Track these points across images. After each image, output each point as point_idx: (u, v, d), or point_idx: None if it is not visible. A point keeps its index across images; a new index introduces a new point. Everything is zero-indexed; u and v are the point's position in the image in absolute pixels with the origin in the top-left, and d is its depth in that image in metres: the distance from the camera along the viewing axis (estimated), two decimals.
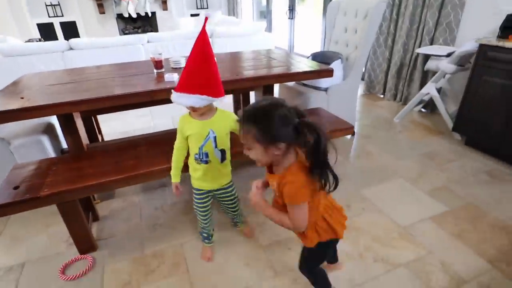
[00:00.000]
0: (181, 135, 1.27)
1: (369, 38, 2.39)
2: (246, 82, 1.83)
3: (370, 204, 1.84)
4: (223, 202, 1.46)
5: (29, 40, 5.32)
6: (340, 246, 1.52)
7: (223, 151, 1.28)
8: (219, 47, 4.57)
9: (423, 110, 3.23)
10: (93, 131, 2.30)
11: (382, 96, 3.72)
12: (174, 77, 1.71)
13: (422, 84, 3.08)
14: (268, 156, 0.88)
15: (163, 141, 1.76)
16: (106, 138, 2.60)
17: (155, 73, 1.89)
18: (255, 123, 0.84)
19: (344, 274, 1.39)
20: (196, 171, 1.32)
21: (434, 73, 2.81)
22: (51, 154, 1.85)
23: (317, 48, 5.03)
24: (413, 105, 2.88)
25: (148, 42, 4.23)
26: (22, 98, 1.51)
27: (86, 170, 1.45)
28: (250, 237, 1.61)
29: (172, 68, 1.98)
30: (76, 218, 1.44)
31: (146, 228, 1.71)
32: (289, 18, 5.65)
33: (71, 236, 1.49)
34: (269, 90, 2.25)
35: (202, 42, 1.10)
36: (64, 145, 2.07)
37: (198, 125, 1.22)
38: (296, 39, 5.81)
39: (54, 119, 2.07)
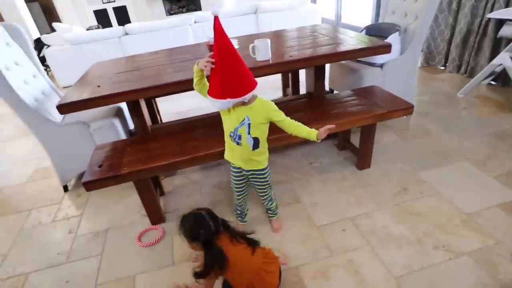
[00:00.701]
0: None
1: (432, 5, 2.18)
2: (296, 63, 1.80)
3: (429, 188, 1.77)
4: (254, 184, 1.47)
5: (89, 28, 5.73)
6: (397, 230, 1.52)
7: (256, 140, 1.27)
8: (264, 23, 4.50)
9: (493, 83, 2.92)
10: (153, 112, 2.48)
11: (443, 68, 3.42)
12: None
13: (493, 53, 2.77)
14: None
15: (218, 123, 1.84)
16: (163, 118, 2.79)
17: None
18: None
19: (401, 259, 1.39)
20: (229, 144, 1.36)
21: (509, 40, 2.50)
22: (122, 134, 2.05)
23: (367, 19, 4.70)
24: (481, 77, 2.62)
25: (195, 22, 4.32)
26: (99, 86, 1.68)
27: (155, 151, 1.60)
28: (276, 232, 1.60)
29: None
30: (148, 193, 1.62)
31: (207, 204, 1.85)
32: None
33: (144, 208, 1.69)
34: (320, 69, 2.21)
35: (219, 41, 1.08)
36: (131, 126, 2.27)
37: (236, 108, 1.23)
38: (344, 9, 5.48)
39: (122, 103, 2.27)
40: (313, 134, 1.26)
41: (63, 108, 1.55)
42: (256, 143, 1.28)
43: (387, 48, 1.86)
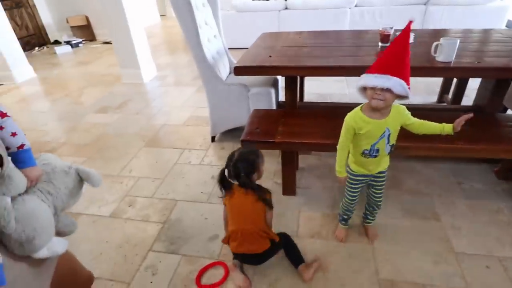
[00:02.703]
0: (350, 133, 1.24)
1: None
2: (484, 72, 1.60)
3: None
4: (374, 188, 1.42)
5: None
6: None
7: (392, 145, 1.27)
8: (433, 17, 4.01)
9: None
10: (301, 89, 2.60)
11: None
12: None
13: None
14: None
15: None
16: (304, 97, 2.88)
17: (380, 47, 1.89)
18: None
19: None
20: (360, 160, 1.31)
21: None
22: (273, 104, 2.22)
23: None
24: None
25: (356, 6, 4.17)
26: (270, 56, 1.84)
27: (306, 128, 1.69)
28: (370, 240, 1.55)
29: None
30: (291, 165, 1.75)
31: (337, 190, 1.88)
32: None
33: (282, 179, 1.82)
34: (505, 81, 1.88)
35: (403, 41, 1.05)
36: (280, 98, 2.43)
37: (374, 124, 1.18)
38: None
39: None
40: (448, 127, 1.20)
41: (239, 70, 1.75)
42: (392, 148, 1.28)
43: None
